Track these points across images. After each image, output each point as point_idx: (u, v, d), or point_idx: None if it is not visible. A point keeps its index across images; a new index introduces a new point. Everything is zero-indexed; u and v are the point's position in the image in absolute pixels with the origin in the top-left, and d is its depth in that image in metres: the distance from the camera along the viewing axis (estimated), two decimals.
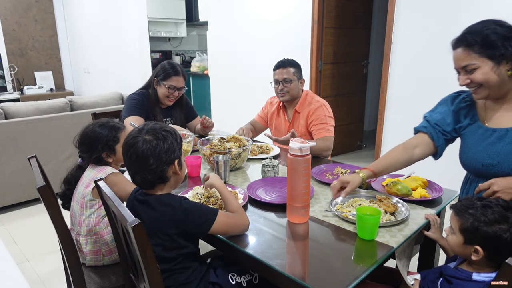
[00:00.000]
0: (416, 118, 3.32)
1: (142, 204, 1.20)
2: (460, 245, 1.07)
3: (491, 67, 1.18)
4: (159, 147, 1.15)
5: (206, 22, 5.05)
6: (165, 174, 1.18)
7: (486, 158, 1.26)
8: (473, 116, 1.33)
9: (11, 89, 6.29)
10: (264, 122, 2.48)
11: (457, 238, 1.08)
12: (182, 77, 2.29)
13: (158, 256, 1.14)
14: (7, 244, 2.60)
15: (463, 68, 1.23)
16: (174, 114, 2.41)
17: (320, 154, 2.08)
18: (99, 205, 1.52)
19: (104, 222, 1.54)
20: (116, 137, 1.55)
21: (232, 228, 1.21)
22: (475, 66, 1.20)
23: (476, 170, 1.32)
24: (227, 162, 1.68)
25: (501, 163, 1.23)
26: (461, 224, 1.07)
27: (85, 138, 1.54)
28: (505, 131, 1.24)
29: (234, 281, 1.30)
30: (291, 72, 2.19)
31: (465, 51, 1.21)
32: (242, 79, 4.64)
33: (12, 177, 3.02)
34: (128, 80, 5.50)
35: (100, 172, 1.51)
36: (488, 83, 1.21)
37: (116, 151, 1.56)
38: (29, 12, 6.42)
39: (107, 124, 1.57)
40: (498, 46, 1.16)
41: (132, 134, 1.18)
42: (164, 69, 2.26)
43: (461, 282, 1.06)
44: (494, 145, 1.25)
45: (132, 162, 1.16)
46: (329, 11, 3.88)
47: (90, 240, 1.52)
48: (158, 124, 1.23)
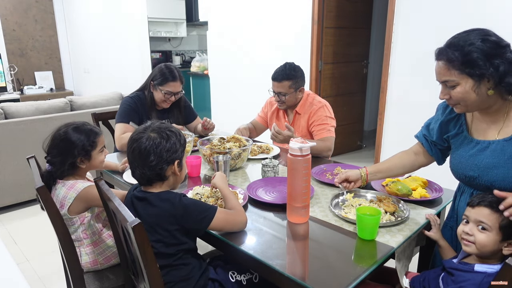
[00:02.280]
0: (416, 118, 3.32)
1: (141, 201, 1.21)
2: (497, 243, 1.06)
3: (471, 85, 1.12)
4: (162, 145, 1.18)
5: (206, 22, 5.05)
6: (164, 172, 1.20)
7: (468, 170, 1.24)
8: (461, 125, 1.31)
9: (11, 89, 6.29)
10: (265, 122, 2.46)
11: (494, 235, 1.05)
12: (179, 81, 2.24)
13: (158, 253, 1.15)
14: (7, 244, 2.61)
15: (443, 83, 1.18)
16: (171, 116, 2.38)
17: (320, 155, 2.08)
18: (82, 220, 1.47)
19: (96, 233, 1.51)
20: (94, 142, 1.47)
21: (230, 225, 1.23)
22: (454, 83, 1.14)
23: (461, 180, 1.31)
24: (227, 162, 1.68)
25: (481, 176, 1.20)
26: (501, 220, 1.05)
27: (58, 142, 1.43)
28: (487, 143, 1.21)
29: (234, 279, 1.31)
30: (286, 86, 2.12)
31: (446, 65, 1.14)
32: (242, 79, 4.64)
33: (12, 177, 3.02)
34: (128, 80, 5.50)
35: (70, 190, 1.42)
36: (465, 102, 1.16)
37: (92, 157, 1.48)
38: (29, 12, 6.42)
39: (83, 127, 1.47)
40: (478, 65, 1.08)
41: (138, 130, 1.22)
42: (161, 73, 2.21)
43: (462, 273, 1.06)
44: (475, 157, 1.22)
45: (134, 157, 1.20)
46: (329, 11, 3.88)
47: (84, 252, 1.50)
48: (164, 123, 1.26)
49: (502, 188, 1.14)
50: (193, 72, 5.72)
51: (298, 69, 2.17)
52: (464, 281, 1.05)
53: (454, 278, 1.07)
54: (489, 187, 1.18)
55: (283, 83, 2.13)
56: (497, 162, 1.17)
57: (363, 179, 1.46)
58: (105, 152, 1.56)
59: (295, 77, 2.14)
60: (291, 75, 2.12)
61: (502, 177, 1.16)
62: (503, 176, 1.15)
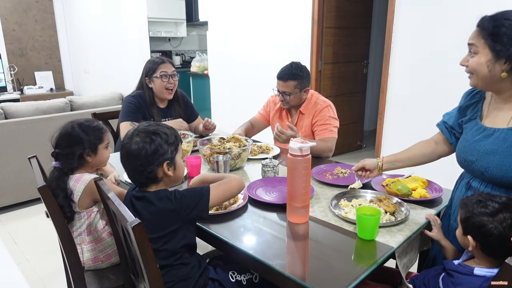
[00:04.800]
0: (416, 118, 3.33)
1: (140, 200, 1.21)
2: (460, 236, 1.13)
3: (488, 59, 1.14)
4: (145, 149, 1.17)
5: (206, 22, 5.05)
6: (154, 175, 1.20)
7: (468, 154, 1.25)
8: (476, 112, 1.31)
9: (11, 89, 6.29)
10: (265, 120, 2.45)
11: (459, 229, 1.13)
12: (169, 63, 2.30)
13: (159, 250, 1.16)
14: (7, 244, 2.61)
15: (469, 46, 1.19)
16: (173, 114, 2.39)
17: (321, 155, 2.07)
18: (88, 215, 1.48)
19: (98, 230, 1.51)
20: (101, 137, 1.51)
21: (229, 192, 1.28)
22: (476, 50, 1.16)
23: (461, 164, 1.32)
24: (227, 162, 1.68)
25: (478, 161, 1.21)
26: (460, 214, 1.12)
27: (67, 134, 1.47)
28: (493, 131, 1.22)
29: (234, 279, 1.31)
30: (291, 86, 2.10)
31: (478, 31, 1.17)
32: (242, 79, 4.64)
33: (12, 177, 3.02)
34: (128, 80, 5.49)
35: (78, 182, 1.43)
36: (477, 73, 1.17)
37: (98, 151, 1.51)
38: (29, 12, 6.42)
39: (91, 123, 1.51)
40: (502, 41, 1.10)
41: (128, 135, 1.22)
42: (150, 63, 2.29)
43: (462, 276, 1.07)
44: (478, 143, 1.23)
45: (124, 162, 1.22)
46: (329, 11, 3.88)
47: (86, 248, 1.50)
48: (152, 124, 1.24)
49: (494, 175, 1.17)
50: (193, 72, 5.72)
51: (304, 69, 2.14)
52: (463, 284, 1.05)
53: (454, 280, 1.07)
54: (483, 173, 1.20)
55: (288, 83, 2.10)
56: (496, 149, 1.18)
57: (379, 168, 1.49)
58: (109, 150, 1.57)
59: (301, 77, 2.10)
60: (297, 75, 2.09)
61: (496, 164, 1.17)
62: (498, 163, 1.16)
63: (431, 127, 3.30)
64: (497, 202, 1.06)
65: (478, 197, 1.10)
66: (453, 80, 2.93)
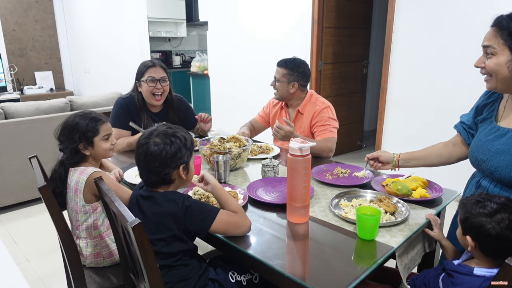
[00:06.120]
0: (416, 118, 3.33)
1: (147, 200, 1.21)
2: (460, 235, 1.13)
3: (507, 59, 1.12)
4: (165, 151, 1.17)
5: (206, 22, 5.05)
6: (169, 177, 1.21)
7: (480, 153, 1.26)
8: (492, 111, 1.31)
9: (11, 89, 6.30)
10: (265, 122, 2.46)
11: (459, 229, 1.14)
12: (159, 67, 2.18)
13: (159, 252, 1.16)
14: (7, 244, 2.61)
15: (485, 48, 1.18)
16: (166, 121, 2.22)
17: (321, 155, 2.07)
18: (94, 209, 1.48)
19: (104, 225, 1.52)
20: (96, 128, 1.48)
21: (233, 228, 1.21)
22: (494, 52, 1.14)
23: (472, 163, 1.33)
24: (227, 162, 1.68)
25: (488, 160, 1.22)
26: (460, 215, 1.13)
27: (64, 128, 1.47)
28: (506, 131, 1.22)
29: (234, 280, 1.31)
30: (280, 72, 2.17)
31: (495, 32, 1.15)
32: (242, 79, 4.64)
33: (12, 177, 3.02)
34: (128, 80, 5.47)
35: (82, 174, 1.44)
36: (497, 75, 1.16)
37: (95, 144, 1.48)
38: (29, 12, 6.43)
39: (89, 114, 1.50)
40: None
41: (145, 134, 1.22)
42: (140, 67, 2.21)
43: (461, 276, 1.07)
44: (490, 142, 1.24)
45: (140, 162, 1.22)
46: (329, 11, 3.88)
47: (90, 243, 1.50)
48: (171, 128, 1.24)
49: (504, 174, 1.17)
50: (193, 72, 5.72)
51: (302, 65, 2.20)
52: (463, 284, 1.05)
53: (453, 280, 1.07)
54: (493, 172, 1.21)
55: (279, 69, 2.19)
56: (507, 149, 1.18)
57: (395, 163, 1.49)
58: (111, 141, 1.54)
59: (292, 69, 2.16)
60: (290, 66, 2.17)
61: (506, 164, 1.17)
62: (507, 163, 1.17)
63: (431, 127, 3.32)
64: (496, 203, 1.06)
65: (477, 198, 1.10)
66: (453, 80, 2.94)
